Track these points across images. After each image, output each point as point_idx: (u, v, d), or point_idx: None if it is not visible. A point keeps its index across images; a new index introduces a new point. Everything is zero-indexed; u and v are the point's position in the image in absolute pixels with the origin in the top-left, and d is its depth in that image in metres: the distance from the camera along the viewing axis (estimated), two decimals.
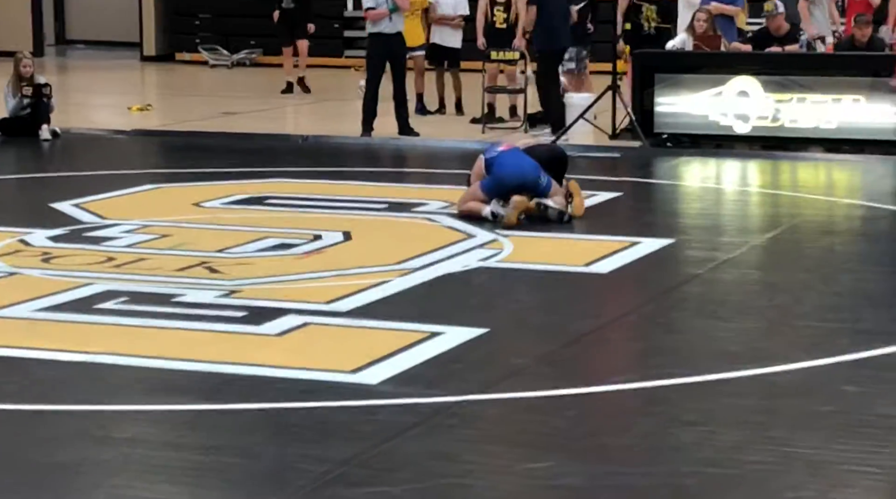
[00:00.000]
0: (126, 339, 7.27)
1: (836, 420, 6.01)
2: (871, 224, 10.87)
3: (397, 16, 15.16)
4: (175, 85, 22.29)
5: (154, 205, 11.24)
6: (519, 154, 10.53)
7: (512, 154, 10.52)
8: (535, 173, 10.36)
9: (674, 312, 8.06)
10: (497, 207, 10.28)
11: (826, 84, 14.09)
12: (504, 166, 10.41)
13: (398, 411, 6.15)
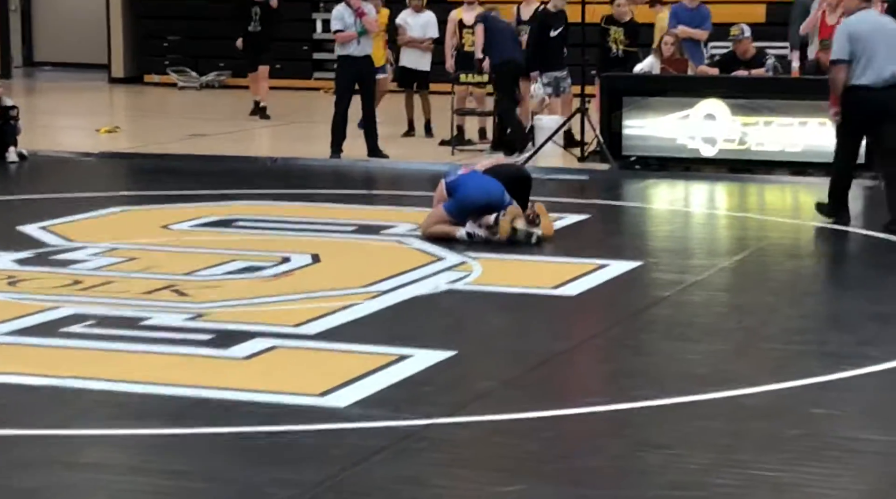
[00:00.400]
0: (93, 362, 7.24)
1: (803, 443, 6.03)
2: (838, 247, 10.94)
3: (366, 38, 15.19)
4: (143, 107, 22.24)
5: (122, 227, 11.20)
6: (480, 176, 10.59)
7: (473, 176, 10.60)
8: (500, 193, 10.40)
9: (642, 334, 8.08)
10: (473, 228, 10.30)
11: (792, 107, 14.18)
12: (468, 188, 10.45)
13: (367, 435, 6.14)
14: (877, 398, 6.70)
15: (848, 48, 11.12)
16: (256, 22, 19.13)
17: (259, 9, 19.08)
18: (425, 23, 17.05)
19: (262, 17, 19.13)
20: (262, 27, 19.16)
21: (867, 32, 11.16)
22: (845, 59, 11.13)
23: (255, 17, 19.12)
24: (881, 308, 8.56)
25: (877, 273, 9.71)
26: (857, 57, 11.12)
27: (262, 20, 19.14)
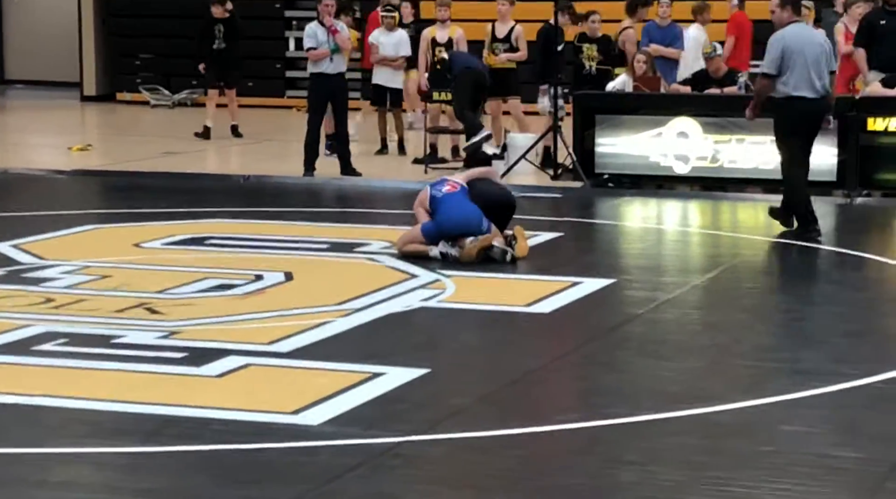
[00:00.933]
0: (64, 381, 7.21)
1: (775, 460, 6.04)
2: (809, 264, 10.98)
3: (339, 56, 15.20)
4: (116, 125, 22.19)
5: (94, 245, 11.17)
6: (463, 199, 10.57)
7: (457, 198, 10.55)
8: (478, 221, 10.42)
9: (615, 351, 8.09)
10: (446, 248, 10.31)
11: (764, 125, 14.20)
12: (449, 212, 10.46)
13: (340, 452, 6.13)
14: (849, 415, 6.72)
15: (780, 62, 11.45)
16: (220, 40, 18.82)
17: (222, 26, 18.87)
18: (398, 41, 17.07)
19: (225, 34, 18.88)
20: (226, 45, 18.88)
21: (800, 46, 11.47)
22: (774, 73, 11.49)
23: (219, 34, 18.84)
24: (853, 325, 8.60)
25: (848, 290, 9.75)
26: (791, 69, 11.45)
27: (227, 38, 18.88)
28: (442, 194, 10.60)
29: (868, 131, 13.82)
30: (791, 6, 11.68)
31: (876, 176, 13.92)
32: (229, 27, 18.90)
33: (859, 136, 13.82)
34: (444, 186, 10.71)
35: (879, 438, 6.34)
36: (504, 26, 16.27)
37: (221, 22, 18.88)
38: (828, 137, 13.93)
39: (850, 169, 13.84)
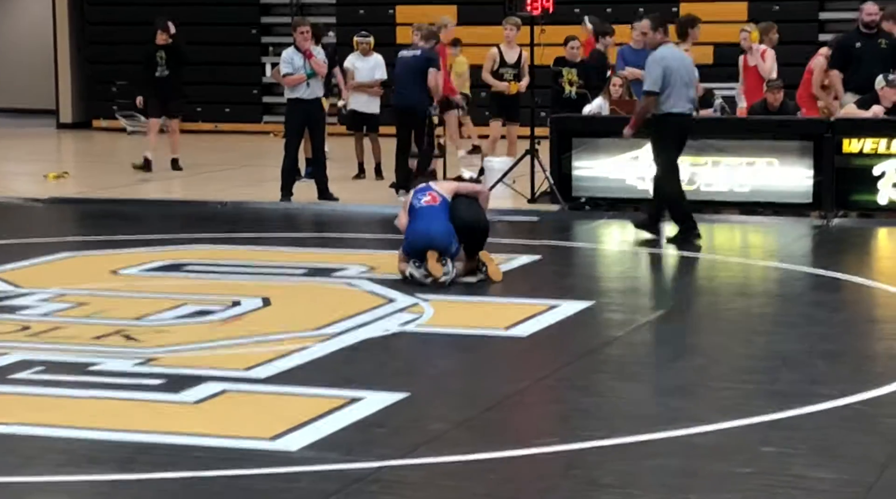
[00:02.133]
0: (41, 409, 7.18)
1: (754, 481, 6.04)
2: (786, 286, 11.00)
3: (315, 81, 15.21)
4: (92, 152, 22.16)
5: (71, 273, 11.13)
6: (439, 214, 10.55)
7: (432, 212, 10.55)
8: (446, 241, 10.42)
9: (593, 374, 8.09)
10: (413, 269, 10.32)
11: (740, 148, 14.29)
12: (417, 224, 10.50)
13: (319, 478, 6.11)
14: (826, 436, 6.73)
15: (661, 80, 12.28)
16: (163, 67, 17.92)
17: (164, 52, 18.01)
18: (373, 66, 17.09)
19: (168, 61, 17.99)
20: (169, 72, 17.96)
21: (676, 65, 12.38)
22: (658, 91, 12.29)
23: (161, 61, 17.96)
24: (829, 346, 8.62)
25: (825, 311, 9.77)
26: (670, 87, 12.31)
27: (170, 65, 18.00)
28: (420, 205, 10.63)
29: (843, 153, 13.88)
30: (663, 28, 12.63)
31: (852, 197, 13.98)
32: (172, 54, 18.05)
33: (835, 157, 13.87)
34: (425, 197, 10.70)
35: (857, 458, 6.35)
36: (512, 52, 16.35)
37: (164, 48, 18.03)
38: (804, 158, 14.01)
39: (826, 190, 13.90)
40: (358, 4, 22.98)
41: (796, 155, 14.07)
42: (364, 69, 17.05)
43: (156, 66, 17.97)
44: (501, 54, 16.41)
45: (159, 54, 18.02)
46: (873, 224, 13.69)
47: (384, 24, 22.23)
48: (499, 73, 16.36)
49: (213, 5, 23.94)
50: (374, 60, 17.11)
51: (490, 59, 16.43)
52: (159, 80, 18.02)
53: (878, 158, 13.78)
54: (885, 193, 13.76)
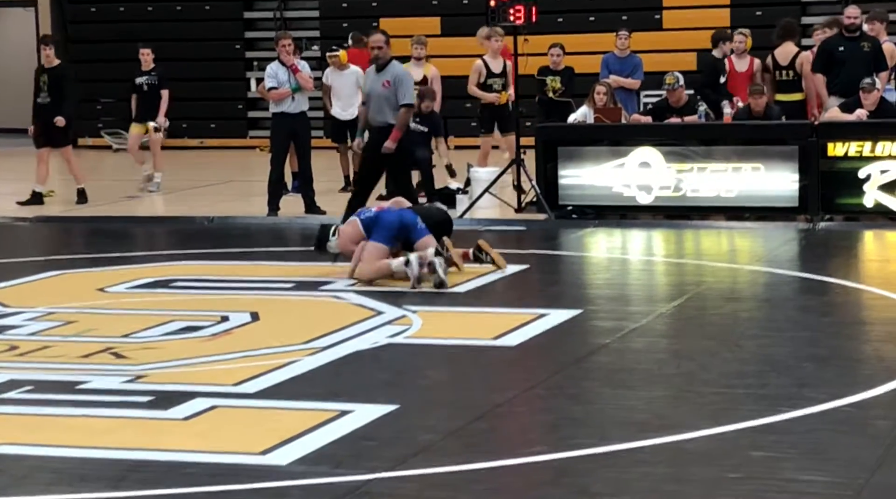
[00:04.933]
0: (30, 428, 7.17)
1: (745, 486, 6.05)
2: (774, 290, 11.02)
3: (301, 95, 15.23)
4: None
5: (58, 291, 11.12)
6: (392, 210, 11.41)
7: (388, 210, 11.36)
8: (413, 220, 11.21)
9: (583, 382, 8.09)
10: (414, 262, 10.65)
11: (725, 153, 14.33)
12: (388, 215, 11.20)
13: (309, 492, 6.10)
14: (816, 439, 6.74)
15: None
16: (45, 93, 16.50)
17: (47, 76, 16.61)
18: (353, 80, 17.03)
19: (51, 85, 16.51)
20: (51, 99, 16.44)
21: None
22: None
23: (44, 86, 16.54)
24: (817, 350, 8.63)
25: (812, 315, 9.80)
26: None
27: (52, 89, 16.48)
28: (374, 213, 11.27)
29: (828, 156, 13.92)
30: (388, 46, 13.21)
31: (837, 200, 14.02)
32: (55, 78, 16.54)
33: (820, 161, 13.91)
34: (372, 209, 11.49)
35: (847, 461, 6.36)
36: (497, 62, 16.35)
37: (47, 72, 16.61)
38: (789, 163, 14.04)
39: (811, 194, 13.93)
40: (341, 18, 23.01)
41: (782, 160, 14.10)
42: (342, 83, 17.03)
43: (38, 91, 16.60)
44: (487, 65, 16.43)
45: (42, 78, 16.59)
46: (859, 227, 13.72)
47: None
48: (486, 85, 16.37)
49: (196, 21, 23.96)
50: (351, 73, 17.06)
51: (475, 72, 16.43)
52: (40, 107, 16.58)
53: (862, 160, 13.82)
54: (871, 195, 13.80)
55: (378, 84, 13.13)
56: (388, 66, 13.13)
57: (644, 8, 21.79)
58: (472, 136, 17.98)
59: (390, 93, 13.04)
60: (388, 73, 13.10)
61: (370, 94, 13.25)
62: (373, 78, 13.25)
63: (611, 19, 21.19)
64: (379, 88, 13.09)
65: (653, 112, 15.51)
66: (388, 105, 13.08)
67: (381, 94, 13.08)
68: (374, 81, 13.19)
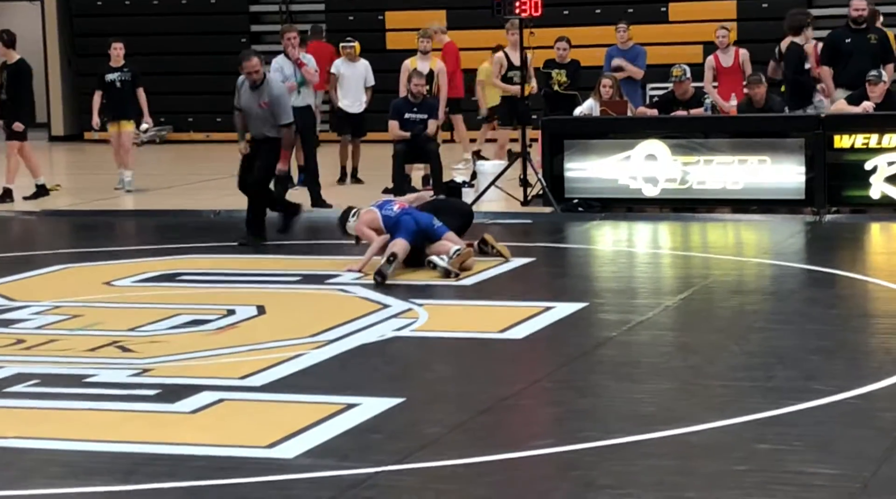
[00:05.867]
0: (37, 422, 7.18)
1: (751, 479, 6.05)
2: (780, 283, 11.02)
3: (306, 89, 15.22)
4: (84, 164, 22.15)
5: (65, 285, 11.13)
6: (413, 211, 11.39)
7: (410, 211, 11.35)
8: (428, 220, 11.22)
9: (589, 375, 8.09)
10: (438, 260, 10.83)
11: (731, 146, 14.31)
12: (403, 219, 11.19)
13: (316, 485, 6.11)
14: (822, 432, 6.74)
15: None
16: (3, 89, 16.23)
17: (7, 73, 16.35)
18: (362, 72, 17.04)
19: (10, 81, 16.26)
20: (8, 95, 16.19)
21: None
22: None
23: (3, 82, 16.30)
24: (824, 342, 8.63)
25: (819, 308, 9.79)
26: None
27: (11, 85, 16.22)
28: (395, 213, 11.26)
29: (835, 149, 13.90)
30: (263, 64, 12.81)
31: (844, 193, 14.00)
32: (14, 73, 16.31)
33: (826, 153, 13.89)
34: (394, 206, 11.43)
35: (853, 454, 6.36)
36: (517, 54, 16.32)
37: (6, 68, 16.33)
38: (795, 155, 14.02)
39: (817, 187, 13.92)
40: (347, 11, 23.00)
41: (788, 152, 14.08)
42: (352, 76, 17.04)
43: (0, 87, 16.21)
44: (508, 58, 16.41)
45: (3, 75, 16.33)
46: (866, 219, 13.71)
47: (374, 31, 22.24)
48: (507, 77, 16.36)
49: (202, 15, 23.96)
50: (362, 66, 17.09)
51: (497, 65, 16.44)
52: (2, 104, 16.29)
53: (869, 153, 13.81)
54: (877, 187, 13.78)
55: (254, 103, 12.67)
56: (264, 84, 12.66)
57: (650, 0, 21.77)
58: (476, 129, 17.97)
59: (267, 113, 12.65)
60: (264, 94, 12.63)
61: (247, 111, 12.77)
62: (248, 95, 12.72)
63: (617, 12, 21.17)
64: (256, 108, 12.67)
65: (659, 105, 15.50)
66: (267, 124, 12.74)
67: (259, 113, 12.68)
68: (250, 100, 12.69)
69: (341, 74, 17.03)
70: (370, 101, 17.18)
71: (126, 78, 17.13)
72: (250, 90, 12.76)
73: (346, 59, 17.13)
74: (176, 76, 23.24)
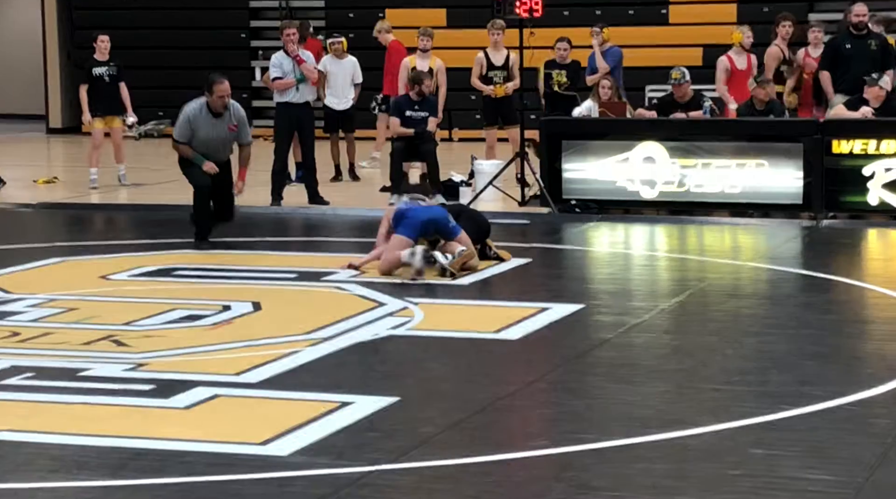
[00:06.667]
0: (30, 415, 7.16)
1: (745, 483, 6.05)
2: (776, 287, 11.01)
3: (305, 85, 15.21)
4: (81, 157, 22.02)
5: (60, 278, 11.11)
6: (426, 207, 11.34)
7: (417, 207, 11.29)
8: (444, 217, 11.16)
9: (584, 377, 8.09)
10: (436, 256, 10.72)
11: (730, 149, 14.30)
12: (417, 213, 11.13)
13: (309, 483, 6.10)
14: (817, 437, 6.73)
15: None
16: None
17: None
18: (350, 69, 17.00)
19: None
20: None
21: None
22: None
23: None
24: (820, 348, 8.63)
25: (815, 313, 9.79)
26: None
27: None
28: (404, 207, 11.25)
29: (833, 154, 13.89)
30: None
31: (842, 198, 13.99)
32: None
33: (824, 158, 13.89)
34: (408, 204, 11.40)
35: (848, 459, 6.35)
36: (499, 54, 16.32)
37: None
38: (794, 159, 14.02)
39: (815, 191, 13.91)
40: (347, 8, 22.98)
41: (786, 156, 14.08)
42: (339, 72, 17.01)
43: None
44: (488, 57, 16.41)
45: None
46: (863, 225, 13.71)
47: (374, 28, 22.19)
48: (487, 77, 16.35)
49: (202, 9, 23.92)
50: (349, 63, 17.05)
51: (477, 65, 16.42)
52: None
53: (867, 158, 13.80)
54: (875, 193, 13.78)
55: (220, 129, 12.39)
56: (229, 107, 12.43)
57: (651, 2, 21.76)
58: (476, 128, 17.96)
59: (233, 136, 12.52)
60: (231, 117, 12.43)
61: (207, 140, 12.40)
62: (209, 124, 12.38)
63: (617, 13, 21.18)
64: (223, 133, 12.41)
65: (658, 107, 15.48)
66: (229, 146, 12.62)
67: (226, 138, 12.47)
68: (214, 127, 12.38)
69: (328, 71, 16.97)
70: (357, 97, 17.16)
71: (113, 72, 17.03)
72: (212, 118, 12.38)
73: (334, 56, 17.10)
74: (175, 70, 23.20)
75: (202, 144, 12.44)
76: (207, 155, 12.45)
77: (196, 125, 12.40)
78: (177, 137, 12.55)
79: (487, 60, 16.35)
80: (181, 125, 12.48)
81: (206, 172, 12.38)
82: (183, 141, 12.47)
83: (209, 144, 12.46)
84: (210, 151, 12.46)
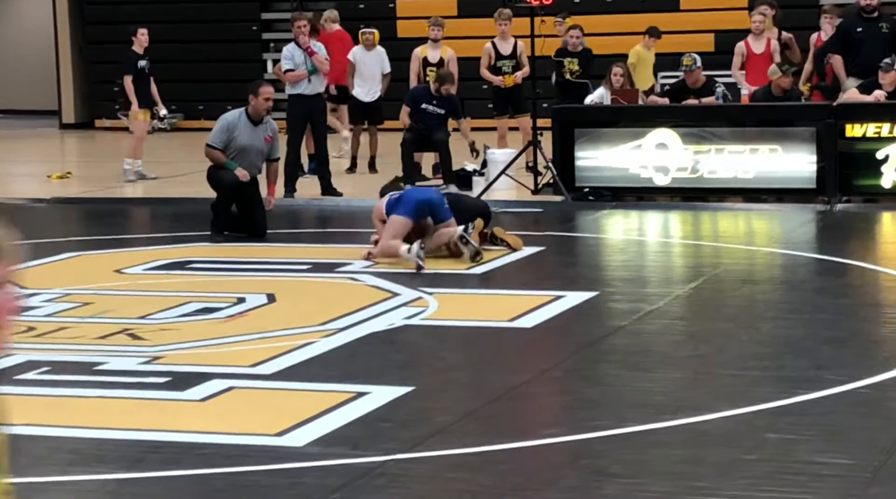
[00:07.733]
0: (48, 409, 7.19)
1: (761, 468, 6.04)
2: (791, 272, 10.99)
3: (316, 77, 15.22)
4: (95, 152, 22.16)
5: (75, 273, 11.14)
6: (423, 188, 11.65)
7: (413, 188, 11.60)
8: (440, 199, 11.26)
9: (599, 364, 8.09)
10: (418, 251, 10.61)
11: (743, 135, 14.27)
12: (412, 193, 11.35)
13: (325, 473, 6.11)
14: (833, 421, 6.73)
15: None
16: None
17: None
18: (379, 59, 17.02)
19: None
20: None
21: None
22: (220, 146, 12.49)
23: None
24: (835, 332, 8.61)
25: (829, 297, 9.77)
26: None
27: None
28: (399, 193, 11.41)
29: (846, 138, 13.86)
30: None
31: (855, 182, 13.96)
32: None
33: (838, 142, 13.85)
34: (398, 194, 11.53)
35: (864, 443, 6.35)
36: (507, 44, 16.31)
37: None
38: (807, 144, 13.99)
39: (829, 175, 13.88)
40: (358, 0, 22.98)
41: (799, 141, 14.05)
42: (369, 62, 17.02)
43: None
44: (496, 48, 16.39)
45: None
46: (877, 209, 13.67)
47: (385, 19, 22.20)
48: (496, 67, 16.33)
49: (213, 2, 23.94)
50: (378, 54, 17.08)
51: (486, 55, 16.41)
52: None
53: (881, 142, 13.76)
54: (889, 176, 13.74)
55: (258, 139, 12.50)
56: (266, 118, 12.55)
57: None
58: (488, 117, 17.94)
59: (268, 148, 12.62)
60: (267, 128, 12.57)
61: (247, 148, 12.48)
62: (250, 132, 12.47)
63: (628, 1, 21.14)
64: (260, 143, 12.51)
65: (670, 93, 15.46)
66: (262, 159, 12.68)
67: (262, 149, 12.54)
68: (253, 136, 12.46)
69: (358, 62, 16.97)
70: (385, 89, 17.14)
71: (149, 66, 17.18)
72: (252, 126, 12.44)
73: (364, 47, 17.10)
74: (187, 64, 23.23)
75: (239, 151, 12.49)
76: (240, 164, 12.48)
77: (236, 132, 12.46)
78: (212, 142, 12.59)
79: (495, 50, 16.34)
80: (219, 131, 12.54)
81: (237, 176, 12.38)
82: (218, 147, 12.50)
83: (245, 152, 12.50)
84: (244, 160, 12.50)
